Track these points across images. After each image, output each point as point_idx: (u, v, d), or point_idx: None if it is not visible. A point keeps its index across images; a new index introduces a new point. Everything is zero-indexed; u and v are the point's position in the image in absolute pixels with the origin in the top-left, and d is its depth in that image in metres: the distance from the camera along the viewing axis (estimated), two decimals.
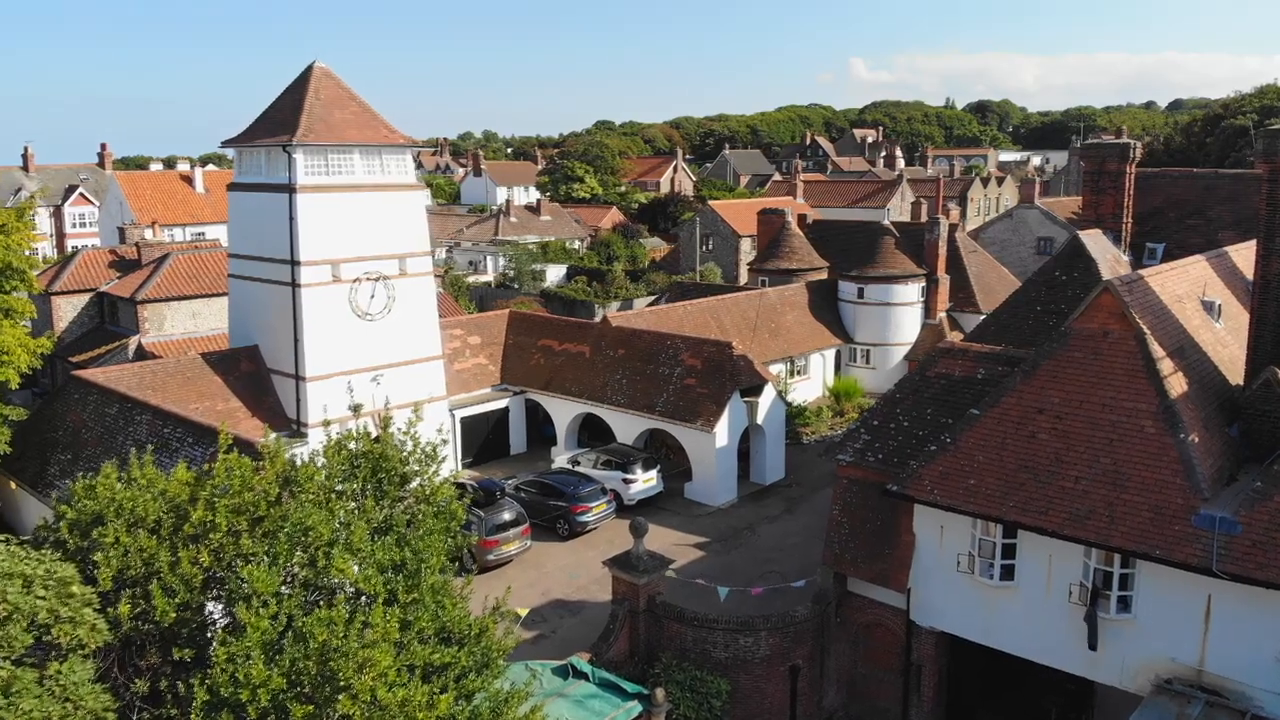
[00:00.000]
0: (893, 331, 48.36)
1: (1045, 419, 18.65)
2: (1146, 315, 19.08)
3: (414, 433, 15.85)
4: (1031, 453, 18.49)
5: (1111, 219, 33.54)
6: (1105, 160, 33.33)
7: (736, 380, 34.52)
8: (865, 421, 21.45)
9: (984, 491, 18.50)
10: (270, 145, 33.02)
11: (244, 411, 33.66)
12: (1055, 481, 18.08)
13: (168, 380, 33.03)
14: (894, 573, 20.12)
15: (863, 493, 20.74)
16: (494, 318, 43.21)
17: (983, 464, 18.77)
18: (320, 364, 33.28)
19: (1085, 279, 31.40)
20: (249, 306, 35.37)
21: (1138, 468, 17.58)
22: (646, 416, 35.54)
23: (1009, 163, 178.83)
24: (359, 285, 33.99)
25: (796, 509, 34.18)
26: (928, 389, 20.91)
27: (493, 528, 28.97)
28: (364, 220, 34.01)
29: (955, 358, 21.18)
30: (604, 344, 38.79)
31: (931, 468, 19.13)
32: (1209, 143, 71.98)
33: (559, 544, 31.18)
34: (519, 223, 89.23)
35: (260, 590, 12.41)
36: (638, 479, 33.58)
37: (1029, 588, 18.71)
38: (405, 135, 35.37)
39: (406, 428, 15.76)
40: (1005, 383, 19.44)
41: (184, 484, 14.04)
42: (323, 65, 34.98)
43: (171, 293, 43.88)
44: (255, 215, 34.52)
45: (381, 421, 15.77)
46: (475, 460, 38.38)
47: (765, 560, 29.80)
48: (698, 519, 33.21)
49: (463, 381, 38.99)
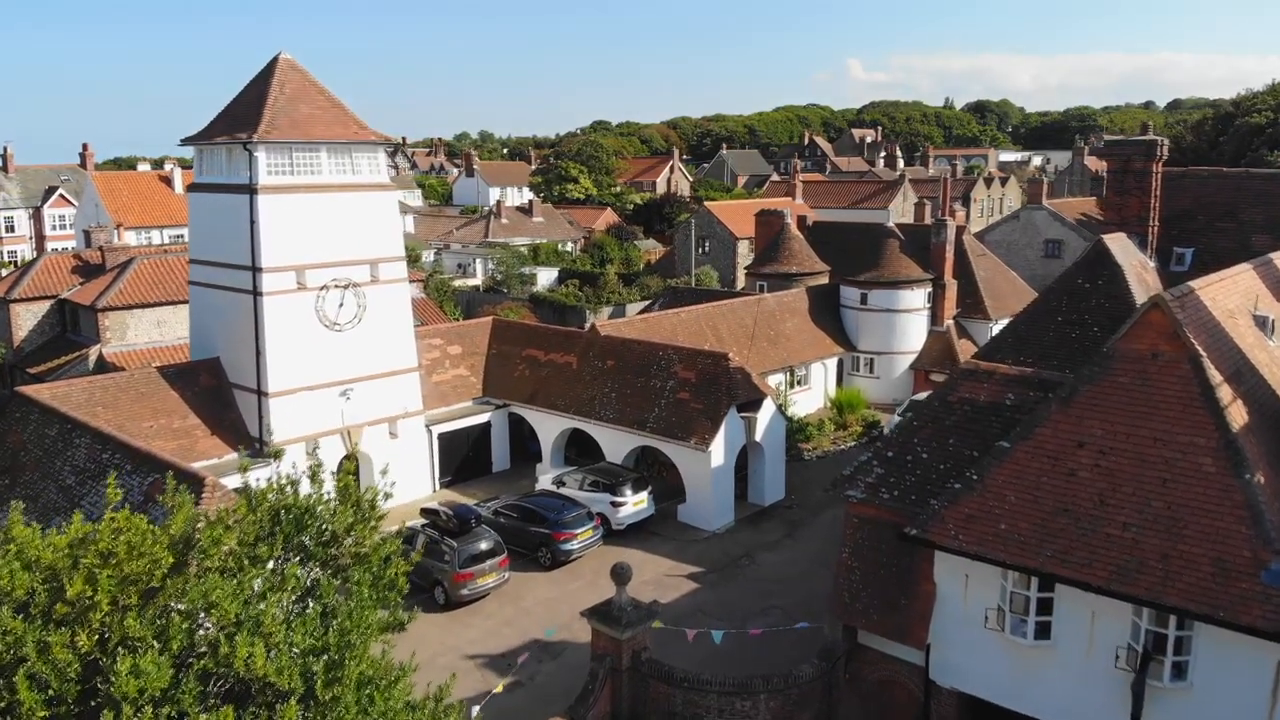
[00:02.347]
0: (898, 339, 45.96)
1: (1087, 454, 16.23)
2: (1200, 334, 16.69)
3: (350, 479, 13.40)
4: (1071, 493, 16.08)
5: (1137, 222, 31.14)
6: (1130, 159, 30.92)
7: (733, 395, 32.11)
8: (879, 452, 19.00)
9: (1017, 538, 16.08)
10: (230, 143, 30.60)
11: (202, 429, 31.22)
12: (1100, 528, 15.66)
13: (119, 396, 30.61)
14: (911, 626, 17.71)
15: (876, 534, 18.30)
16: (476, 326, 40.77)
17: (1015, 505, 16.35)
18: (284, 378, 30.85)
19: (1110, 287, 29.05)
20: (209, 316, 32.96)
21: (1196, 514, 15.18)
22: (637, 433, 33.12)
23: (1009, 163, 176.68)
24: (326, 293, 31.56)
25: (798, 533, 31.76)
26: (949, 416, 18.48)
27: (467, 559, 26.54)
28: (332, 223, 31.60)
29: (980, 380, 18.74)
30: (592, 354, 36.39)
31: (956, 508, 16.71)
32: (1222, 142, 69.69)
33: (541, 575, 28.73)
34: (510, 224, 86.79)
35: (143, 688, 9.98)
36: (627, 502, 31.16)
37: (1067, 649, 16.30)
38: (377, 131, 32.94)
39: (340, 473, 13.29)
40: (1039, 411, 17.02)
41: (61, 550, 11.56)
42: (288, 56, 32.56)
43: (135, 300, 41.43)
44: (215, 218, 32.13)
45: (309, 470, 13.26)
46: (454, 480, 35.94)
47: (765, 593, 27.39)
48: (692, 545, 30.78)
49: (441, 394, 36.55)
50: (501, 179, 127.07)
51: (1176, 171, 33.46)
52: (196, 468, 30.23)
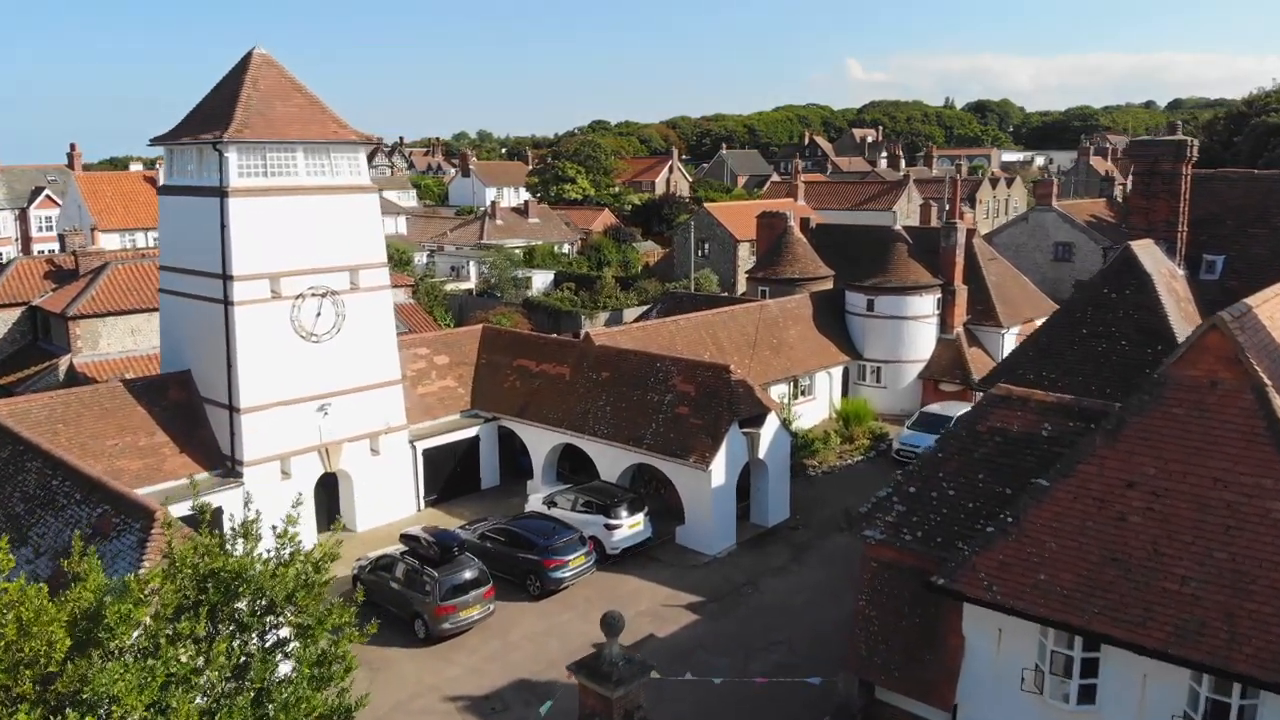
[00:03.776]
0: (906, 347, 44.08)
1: (1138, 496, 14.36)
2: (1263, 359, 14.82)
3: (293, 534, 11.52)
4: (1121, 541, 14.21)
5: (1164, 227, 29.28)
6: (1158, 160, 29.06)
7: (735, 410, 30.24)
8: (900, 488, 17.09)
9: (1059, 591, 14.22)
10: (198, 143, 28.71)
11: (171, 447, 29.32)
12: (1154, 581, 13.80)
13: (82, 412, 28.72)
14: (937, 685, 15.82)
15: (897, 580, 16.41)
16: (465, 334, 38.86)
17: (1056, 553, 14.48)
18: (257, 393, 28.97)
19: (1138, 297, 27.17)
20: (179, 326, 31.09)
21: (1265, 567, 13.32)
22: (633, 450, 31.23)
23: (1012, 163, 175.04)
24: (302, 302, 29.68)
25: (804, 557, 29.88)
26: (978, 447, 16.60)
27: (449, 590, 24.65)
28: (308, 227, 29.71)
29: (1013, 408, 16.83)
30: (586, 365, 34.50)
31: (988, 555, 14.84)
32: (1237, 142, 67.86)
33: (529, 604, 26.85)
34: (505, 225, 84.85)
35: None
36: (622, 525, 29.27)
37: (1115, 716, 14.42)
38: (358, 130, 31.04)
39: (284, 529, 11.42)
40: (1081, 445, 15.13)
41: None
42: (263, 51, 30.65)
43: (108, 307, 39.52)
44: (185, 222, 30.24)
45: (241, 528, 11.37)
46: (440, 498, 34.05)
47: (769, 626, 25.51)
48: (691, 571, 28.90)
49: (427, 407, 34.65)
50: (498, 179, 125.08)
51: (1205, 173, 31.59)
52: (163, 489, 28.57)
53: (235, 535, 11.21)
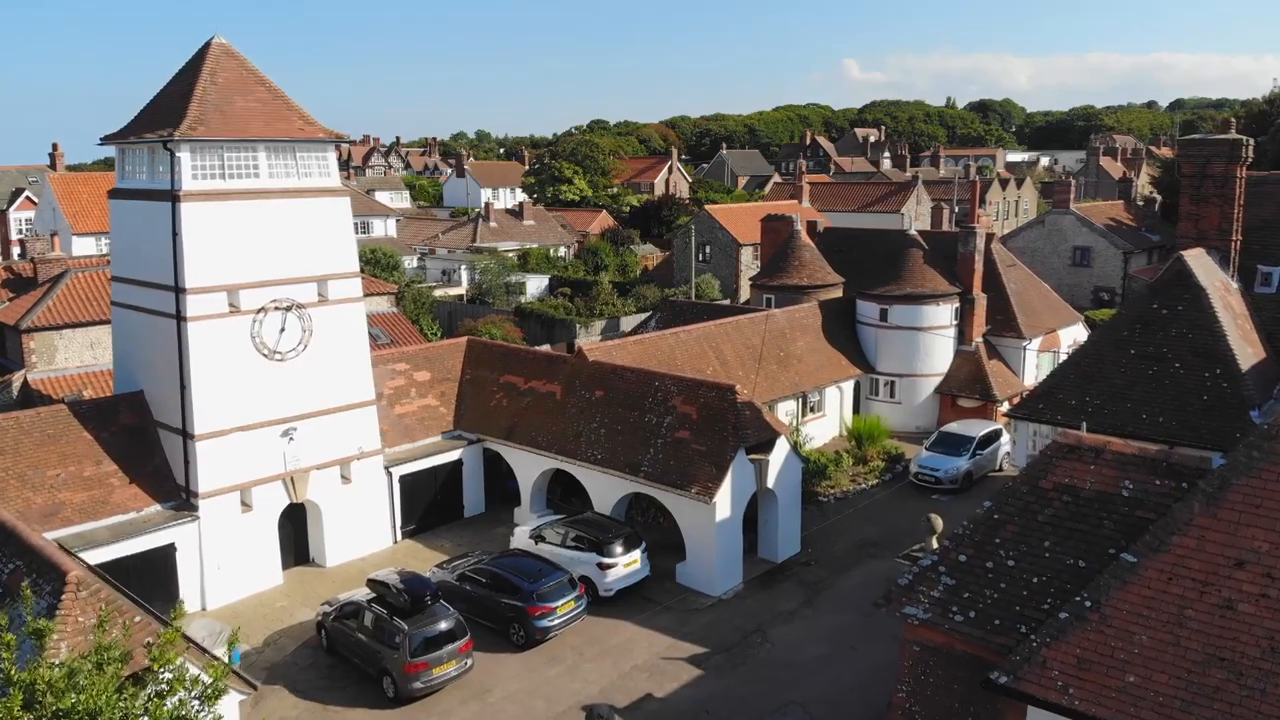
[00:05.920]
0: (922, 360, 41.29)
1: (1249, 579, 11.61)
2: None
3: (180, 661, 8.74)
4: (1230, 635, 11.47)
5: (1217, 235, 26.54)
6: (1209, 161, 26.33)
7: (741, 435, 27.49)
8: (947, 556, 14.28)
9: (1154, 696, 11.46)
10: (143, 141, 25.96)
11: (119, 478, 26.57)
12: (1272, 688, 11.04)
13: (21, 439, 25.98)
14: None
15: (945, 669, 13.63)
16: (448, 348, 36.04)
17: (1148, 649, 11.73)
18: (214, 418, 26.22)
19: (1192, 314, 24.43)
20: (132, 342, 28.37)
21: None
22: (629, 479, 28.47)
23: (1017, 163, 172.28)
24: (264, 317, 26.92)
25: (818, 600, 27.10)
26: (1043, 508, 13.79)
27: (420, 645, 21.85)
28: (271, 235, 26.96)
29: (1084, 460, 13.97)
30: (578, 383, 31.73)
31: (1062, 648, 12.07)
32: (1261, 142, 65.10)
33: (512, 656, 24.06)
34: (499, 228, 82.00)
35: None
36: (617, 563, 26.50)
37: None
38: (327, 128, 28.28)
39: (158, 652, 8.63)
40: (1176, 512, 12.37)
41: None
42: (222, 41, 27.88)
43: (65, 319, 36.82)
44: (136, 229, 27.55)
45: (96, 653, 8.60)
46: (419, 528, 31.27)
47: (781, 684, 22.73)
48: (693, 616, 26.11)
49: (406, 429, 31.87)
50: (494, 179, 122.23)
51: (1257, 176, 28.86)
52: (110, 524, 25.82)
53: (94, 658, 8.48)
